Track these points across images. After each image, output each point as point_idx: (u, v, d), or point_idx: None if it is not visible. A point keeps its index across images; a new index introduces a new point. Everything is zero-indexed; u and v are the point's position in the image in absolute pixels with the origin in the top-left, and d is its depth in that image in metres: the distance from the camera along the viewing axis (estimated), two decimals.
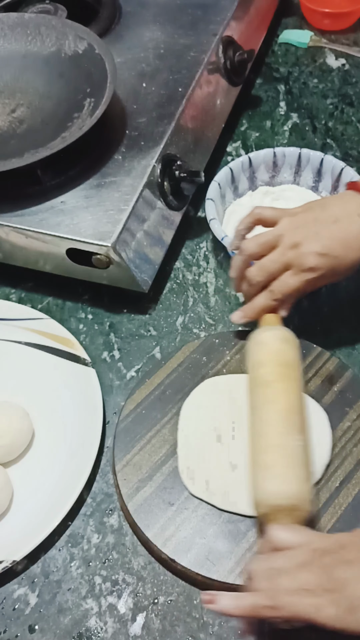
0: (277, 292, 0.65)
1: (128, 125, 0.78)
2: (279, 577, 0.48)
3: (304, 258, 0.62)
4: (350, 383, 0.68)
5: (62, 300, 0.79)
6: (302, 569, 0.47)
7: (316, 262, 0.62)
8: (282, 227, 0.64)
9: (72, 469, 0.64)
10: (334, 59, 1.03)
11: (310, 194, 0.83)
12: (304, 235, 0.62)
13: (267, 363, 0.63)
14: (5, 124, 0.78)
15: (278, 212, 0.66)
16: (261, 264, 0.65)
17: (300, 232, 0.63)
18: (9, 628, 0.59)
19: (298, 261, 0.62)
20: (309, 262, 0.62)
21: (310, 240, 0.62)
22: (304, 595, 0.46)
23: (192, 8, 0.90)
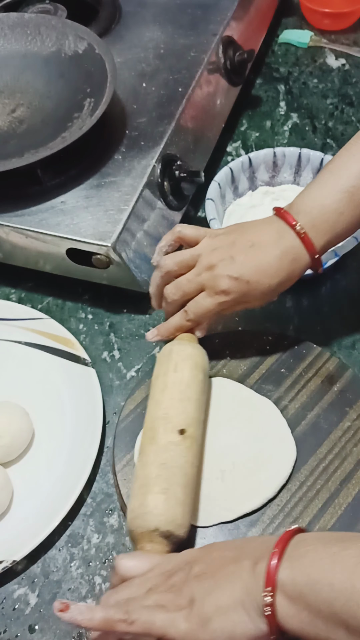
0: (190, 312, 0.65)
1: (128, 125, 0.78)
2: (131, 603, 0.47)
3: (217, 280, 0.62)
4: (350, 383, 0.68)
5: (62, 300, 0.79)
6: (152, 592, 0.48)
7: (228, 285, 0.62)
8: (201, 248, 0.64)
9: (72, 469, 0.64)
10: (334, 59, 1.03)
11: None
12: (219, 258, 0.62)
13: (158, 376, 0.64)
14: (5, 124, 0.78)
15: (200, 232, 0.66)
16: (177, 283, 0.65)
17: (216, 254, 0.63)
18: (9, 628, 0.59)
19: (211, 283, 0.62)
20: (221, 285, 0.62)
21: (225, 263, 0.62)
22: (158, 610, 0.46)
23: (192, 8, 0.90)
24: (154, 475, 0.57)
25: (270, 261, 0.62)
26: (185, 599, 0.46)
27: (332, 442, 0.64)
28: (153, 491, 0.56)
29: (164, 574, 0.49)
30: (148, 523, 0.55)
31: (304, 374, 0.69)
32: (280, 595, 0.43)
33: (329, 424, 0.65)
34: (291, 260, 0.62)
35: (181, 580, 0.47)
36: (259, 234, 0.63)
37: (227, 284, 0.62)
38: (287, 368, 0.69)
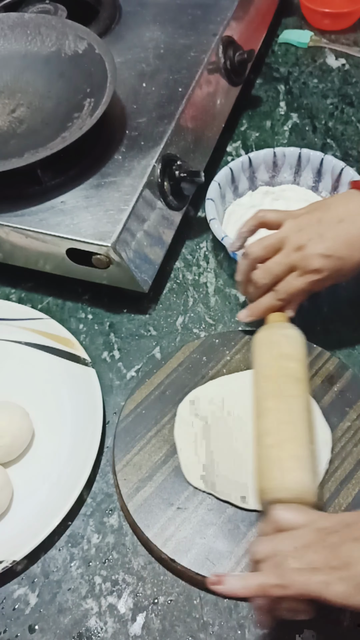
0: (282, 292, 0.65)
1: (128, 125, 0.78)
2: (286, 558, 0.47)
3: (309, 260, 0.62)
4: (350, 383, 0.68)
5: (62, 300, 0.79)
6: (308, 548, 0.47)
7: (321, 264, 0.62)
8: (286, 230, 0.64)
9: (72, 469, 0.64)
10: (334, 59, 1.03)
11: (310, 194, 0.83)
12: (308, 237, 0.62)
13: (297, 359, 0.63)
14: (5, 124, 0.78)
15: (282, 215, 0.66)
16: (266, 267, 0.65)
17: (304, 234, 0.63)
18: (9, 628, 0.59)
19: (303, 263, 0.63)
20: (313, 264, 0.62)
21: (314, 241, 0.62)
22: (312, 573, 0.46)
23: (192, 8, 0.90)
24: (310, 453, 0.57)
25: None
26: (340, 560, 0.46)
27: (332, 442, 0.64)
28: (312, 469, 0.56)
29: (321, 531, 0.48)
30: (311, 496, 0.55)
31: None
32: None
33: (328, 424, 0.65)
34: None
35: (337, 541, 0.47)
36: (345, 208, 0.63)
37: (320, 263, 0.62)
38: None
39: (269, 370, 0.63)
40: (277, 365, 0.63)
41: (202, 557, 0.58)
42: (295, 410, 0.59)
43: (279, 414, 0.60)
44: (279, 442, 0.58)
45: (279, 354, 0.64)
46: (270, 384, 0.62)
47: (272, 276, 0.65)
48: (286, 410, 0.60)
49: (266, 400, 0.61)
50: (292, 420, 0.59)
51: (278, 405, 0.60)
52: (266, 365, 0.64)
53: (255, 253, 0.65)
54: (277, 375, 0.62)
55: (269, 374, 0.63)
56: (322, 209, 0.64)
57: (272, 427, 0.59)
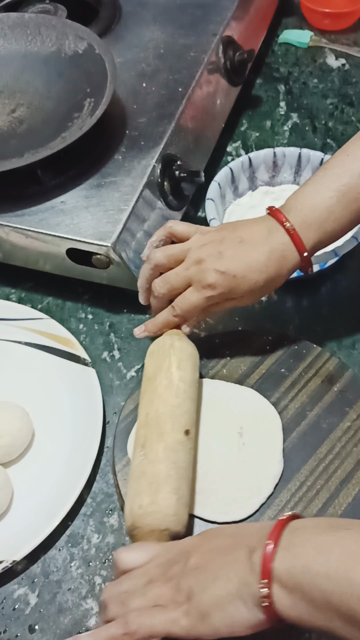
0: (177, 308, 0.65)
1: (128, 125, 0.78)
2: (130, 599, 0.48)
3: (204, 274, 0.62)
4: (350, 383, 0.68)
5: (62, 300, 0.79)
6: (151, 585, 0.48)
7: (215, 279, 0.62)
8: (191, 243, 0.65)
9: (72, 469, 0.64)
10: (334, 59, 1.03)
11: None
12: (208, 253, 0.62)
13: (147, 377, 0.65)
14: (5, 124, 0.78)
15: (191, 229, 0.66)
16: (165, 277, 0.65)
17: (205, 249, 0.63)
18: (9, 628, 0.59)
19: (198, 277, 0.63)
20: (208, 279, 0.62)
21: (212, 257, 0.62)
22: (157, 612, 0.46)
23: (192, 8, 0.90)
24: (165, 474, 0.57)
25: (258, 257, 0.61)
26: (183, 594, 0.46)
27: (332, 442, 0.64)
28: (165, 490, 0.56)
29: (162, 565, 0.49)
30: (159, 522, 0.55)
31: (304, 374, 0.69)
32: (277, 586, 0.43)
33: (329, 424, 0.65)
34: (279, 257, 0.61)
35: (178, 573, 0.47)
36: (249, 231, 0.63)
37: (214, 278, 0.62)
38: (287, 368, 0.69)
39: None
40: None
41: None
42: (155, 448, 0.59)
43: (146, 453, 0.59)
44: None
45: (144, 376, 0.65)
46: None
47: (169, 286, 0.65)
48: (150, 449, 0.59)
49: None
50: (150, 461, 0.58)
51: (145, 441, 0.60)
52: None
53: (157, 260, 0.66)
54: None
55: None
56: (228, 229, 0.65)
57: None
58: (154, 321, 0.68)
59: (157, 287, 0.66)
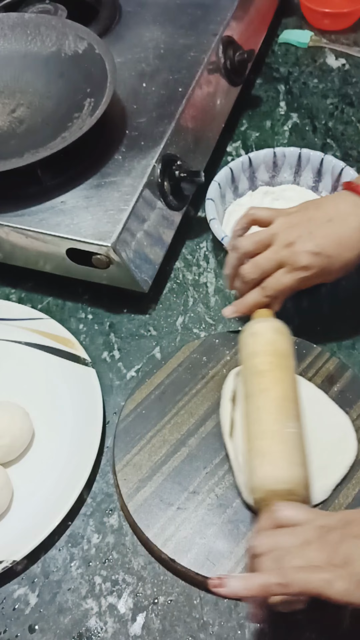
0: (269, 288, 0.65)
1: (128, 125, 0.78)
2: (286, 555, 0.48)
3: (298, 256, 0.62)
4: (350, 383, 0.68)
5: (62, 300, 0.79)
6: (309, 546, 0.48)
7: (309, 261, 0.62)
8: (277, 226, 0.65)
9: (72, 469, 0.64)
10: (334, 59, 1.03)
11: (310, 194, 0.83)
12: (297, 234, 0.63)
13: (261, 353, 0.63)
14: (5, 124, 0.78)
15: (273, 212, 0.67)
16: (255, 261, 0.65)
17: (294, 231, 0.63)
18: (9, 628, 0.59)
19: (291, 259, 0.63)
20: (302, 261, 0.62)
21: (303, 239, 0.63)
22: (313, 571, 0.46)
23: (192, 8, 0.90)
24: (300, 448, 0.57)
25: (350, 233, 0.62)
26: (341, 558, 0.46)
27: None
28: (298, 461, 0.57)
29: (321, 529, 0.49)
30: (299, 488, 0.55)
31: (304, 374, 0.69)
32: None
33: None
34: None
35: (338, 538, 0.47)
36: (335, 208, 0.64)
37: (308, 260, 0.62)
38: None
39: (243, 372, 0.64)
40: (245, 367, 0.64)
41: (202, 557, 0.58)
42: (262, 406, 0.59)
43: (248, 416, 0.60)
44: (250, 443, 0.59)
45: (247, 353, 0.64)
46: (244, 386, 0.63)
47: (260, 271, 0.65)
48: (254, 409, 0.60)
49: (243, 404, 0.62)
50: (259, 418, 0.59)
51: (248, 406, 0.61)
52: (242, 369, 0.65)
53: (245, 247, 0.66)
54: (247, 375, 0.63)
55: (243, 376, 0.64)
56: (313, 208, 0.65)
57: (245, 430, 0.60)
58: (244, 302, 0.67)
59: (247, 272, 0.66)
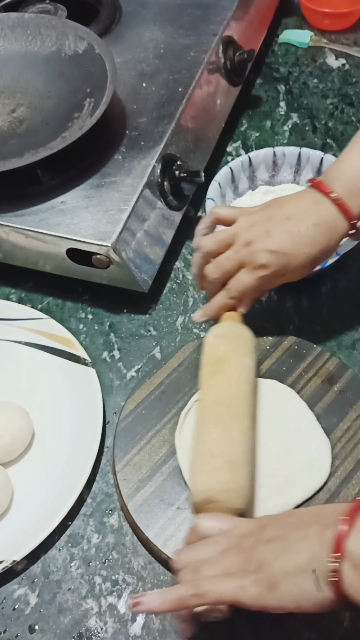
0: (232, 290, 0.65)
1: (128, 125, 0.78)
2: (203, 566, 0.48)
3: (256, 255, 0.63)
4: (350, 383, 0.68)
5: (62, 300, 0.79)
6: (225, 554, 0.48)
7: (267, 259, 0.62)
8: (238, 226, 0.65)
9: (72, 469, 0.64)
10: (334, 59, 1.03)
11: None
12: (257, 233, 0.63)
13: (204, 364, 0.65)
14: (5, 124, 0.78)
15: (235, 211, 0.67)
16: (217, 261, 0.66)
17: (253, 230, 0.63)
18: (9, 628, 0.59)
19: (250, 258, 0.63)
20: (260, 259, 0.62)
21: (262, 237, 0.63)
22: (227, 578, 0.46)
23: (192, 8, 0.90)
24: (242, 456, 0.57)
25: (306, 231, 0.62)
26: (254, 563, 0.46)
27: (332, 442, 0.64)
28: (242, 471, 0.57)
29: (238, 537, 0.49)
30: (236, 501, 0.55)
31: (304, 374, 0.69)
32: (348, 564, 0.43)
33: (329, 424, 0.65)
34: (329, 228, 0.62)
35: (252, 544, 0.48)
36: (295, 206, 0.63)
37: (266, 258, 0.62)
38: (287, 368, 0.69)
39: None
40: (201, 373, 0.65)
41: None
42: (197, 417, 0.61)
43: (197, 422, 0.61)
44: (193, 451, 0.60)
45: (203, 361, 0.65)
46: None
47: (222, 270, 0.65)
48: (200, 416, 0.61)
49: None
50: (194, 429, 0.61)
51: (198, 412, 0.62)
52: None
53: (207, 247, 0.66)
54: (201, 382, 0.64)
55: None
56: (274, 207, 0.65)
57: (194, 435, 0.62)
58: (211, 305, 0.68)
59: (210, 272, 0.66)
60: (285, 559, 0.45)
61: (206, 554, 0.49)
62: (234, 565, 0.47)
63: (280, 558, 0.45)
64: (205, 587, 0.47)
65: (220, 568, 0.48)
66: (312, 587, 0.44)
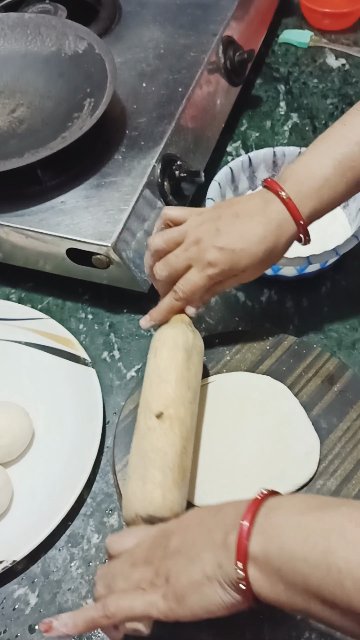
0: (180, 290, 0.64)
1: (128, 125, 0.78)
2: (114, 582, 0.49)
3: (204, 252, 0.62)
4: (350, 383, 0.68)
5: (62, 300, 0.79)
6: (134, 568, 0.48)
7: (214, 256, 0.61)
8: (188, 225, 0.64)
9: (72, 469, 0.64)
10: (334, 59, 1.03)
11: None
12: (205, 231, 0.62)
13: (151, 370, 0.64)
14: (5, 124, 0.78)
15: (186, 212, 0.66)
16: (165, 259, 0.65)
17: (203, 228, 0.63)
18: (9, 628, 0.58)
19: (198, 256, 0.62)
20: (207, 257, 0.61)
21: (210, 235, 0.62)
22: (136, 595, 0.47)
23: (192, 8, 0.90)
24: (134, 464, 0.58)
25: (254, 229, 0.61)
26: (162, 577, 0.47)
27: (332, 442, 0.64)
28: (132, 478, 0.57)
29: (146, 549, 0.49)
30: (129, 510, 0.56)
31: (304, 374, 0.69)
32: (253, 568, 0.43)
33: (329, 424, 0.65)
34: (276, 227, 0.61)
35: (159, 556, 0.48)
36: (245, 205, 0.63)
37: (213, 255, 0.61)
38: (287, 368, 0.69)
39: None
40: None
41: None
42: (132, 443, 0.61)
43: None
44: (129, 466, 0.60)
45: None
46: None
47: (169, 268, 0.64)
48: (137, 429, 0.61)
49: None
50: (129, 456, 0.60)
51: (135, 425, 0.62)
52: None
53: (156, 245, 0.65)
54: None
55: None
56: (224, 206, 0.64)
57: None
58: (158, 309, 0.66)
59: (158, 270, 0.65)
60: (191, 571, 0.45)
61: (117, 569, 0.50)
62: (143, 580, 0.47)
63: (186, 569, 0.46)
64: (114, 606, 0.47)
65: (130, 582, 0.48)
66: (222, 594, 0.44)
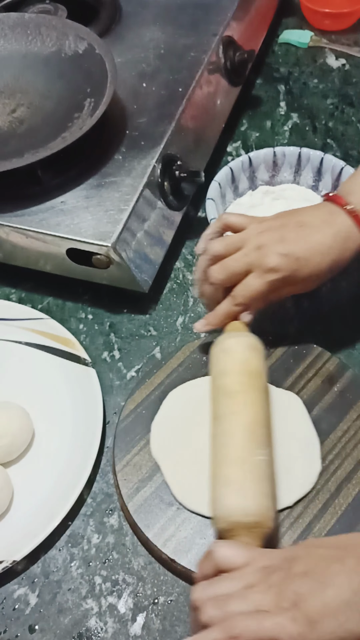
0: (239, 296, 0.64)
1: (128, 125, 0.78)
2: (229, 602, 0.45)
3: (266, 258, 0.61)
4: (350, 383, 0.68)
5: (62, 300, 0.79)
6: (252, 589, 0.45)
7: (278, 262, 0.61)
8: (249, 231, 0.64)
9: (72, 469, 0.64)
10: (334, 59, 1.03)
11: (310, 193, 0.83)
12: (268, 238, 0.62)
13: (232, 372, 0.61)
14: (5, 124, 0.78)
15: (247, 219, 0.66)
16: (223, 262, 0.64)
17: (266, 235, 0.63)
18: (9, 628, 0.59)
19: (259, 261, 0.62)
20: (270, 262, 0.61)
21: (274, 242, 0.62)
22: (262, 616, 0.43)
23: (192, 8, 0.90)
24: (269, 477, 0.56)
25: (321, 239, 0.61)
26: (288, 600, 0.44)
27: (332, 442, 0.64)
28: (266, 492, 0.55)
29: (263, 571, 0.46)
30: (266, 521, 0.54)
31: (304, 374, 0.69)
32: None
33: (329, 425, 0.65)
34: (343, 239, 0.61)
35: (281, 579, 0.45)
36: (310, 215, 0.63)
37: (277, 261, 0.61)
38: (287, 368, 0.69)
39: (212, 390, 0.63)
40: (215, 385, 0.63)
41: None
42: (230, 430, 0.58)
43: (215, 439, 0.59)
44: (216, 469, 0.58)
45: (217, 371, 0.63)
46: (213, 406, 0.62)
47: (228, 272, 0.63)
48: (221, 433, 0.59)
49: (211, 425, 0.61)
50: (226, 443, 0.58)
51: (215, 428, 0.60)
52: (211, 386, 0.64)
53: (215, 250, 0.65)
54: (215, 396, 0.62)
55: (212, 395, 0.63)
56: (287, 216, 0.64)
57: (212, 454, 0.59)
58: (215, 313, 0.66)
59: (214, 273, 0.64)
60: (324, 594, 0.43)
61: (228, 589, 0.46)
62: (264, 602, 0.44)
63: (319, 594, 0.43)
64: (240, 627, 0.43)
65: (248, 604, 0.44)
66: (357, 621, 0.42)
